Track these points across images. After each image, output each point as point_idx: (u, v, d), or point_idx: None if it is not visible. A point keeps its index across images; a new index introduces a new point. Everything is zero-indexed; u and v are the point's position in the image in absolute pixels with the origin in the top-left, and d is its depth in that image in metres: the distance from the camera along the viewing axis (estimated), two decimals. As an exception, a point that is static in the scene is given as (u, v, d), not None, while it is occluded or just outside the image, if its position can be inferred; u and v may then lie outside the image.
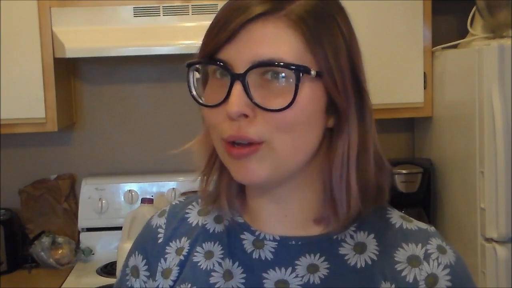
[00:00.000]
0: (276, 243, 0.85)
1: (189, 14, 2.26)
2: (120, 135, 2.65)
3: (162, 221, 0.93)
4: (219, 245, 0.88)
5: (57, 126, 2.27)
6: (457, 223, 2.22)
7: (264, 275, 0.83)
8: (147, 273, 0.91)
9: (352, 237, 0.84)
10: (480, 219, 2.00)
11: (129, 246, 0.97)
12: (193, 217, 0.92)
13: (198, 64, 0.80)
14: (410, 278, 0.80)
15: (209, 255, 0.88)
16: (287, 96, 0.74)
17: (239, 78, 0.75)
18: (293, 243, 0.84)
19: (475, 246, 2.02)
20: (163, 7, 2.26)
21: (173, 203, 0.97)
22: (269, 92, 0.75)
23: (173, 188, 2.50)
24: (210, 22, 0.79)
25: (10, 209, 2.50)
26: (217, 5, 2.24)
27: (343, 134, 0.80)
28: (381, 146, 0.85)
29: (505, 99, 1.93)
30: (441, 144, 2.37)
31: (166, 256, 0.90)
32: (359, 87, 0.80)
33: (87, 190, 2.50)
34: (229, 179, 0.85)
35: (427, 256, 0.81)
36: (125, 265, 0.95)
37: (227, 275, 0.85)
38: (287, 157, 0.78)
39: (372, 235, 0.84)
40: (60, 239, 2.45)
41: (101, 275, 2.29)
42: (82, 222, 2.51)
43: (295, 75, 0.75)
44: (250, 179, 0.78)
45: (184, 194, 1.42)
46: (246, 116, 0.75)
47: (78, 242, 2.51)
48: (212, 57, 0.77)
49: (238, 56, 0.75)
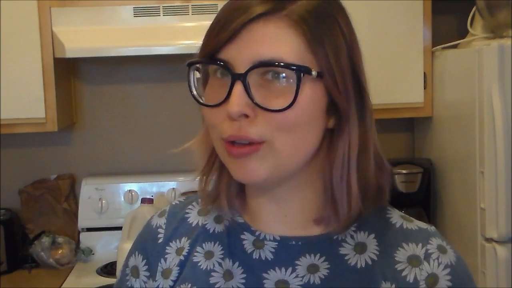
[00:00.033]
0: (276, 243, 0.84)
1: (189, 14, 2.26)
2: (120, 135, 2.65)
3: (162, 221, 0.93)
4: (219, 245, 0.88)
5: (57, 126, 2.27)
6: (457, 223, 2.21)
7: (264, 275, 0.83)
8: (147, 273, 0.91)
9: (352, 237, 0.84)
10: (480, 219, 2.00)
11: (129, 246, 0.97)
12: (193, 217, 0.92)
13: (199, 64, 0.80)
14: (410, 278, 0.80)
15: (209, 255, 0.87)
16: (288, 96, 0.74)
17: (240, 78, 0.74)
18: (293, 243, 0.84)
19: (475, 246, 2.02)
20: (163, 7, 2.26)
21: (173, 203, 0.97)
22: (269, 92, 0.75)
23: (173, 188, 2.50)
24: (210, 22, 0.79)
25: (10, 209, 2.50)
26: (217, 5, 2.23)
27: (343, 134, 0.79)
28: (381, 146, 0.85)
29: (505, 99, 1.93)
30: (441, 144, 2.37)
31: (166, 256, 0.90)
32: (360, 87, 0.80)
33: (87, 190, 2.50)
34: (228, 178, 0.85)
35: (427, 256, 0.81)
36: (125, 265, 0.95)
37: (227, 275, 0.85)
38: (288, 156, 0.77)
39: (373, 235, 0.84)
40: (60, 239, 2.45)
41: (101, 275, 2.29)
42: (82, 222, 2.51)
43: (296, 75, 0.74)
44: (249, 178, 0.78)
45: (184, 194, 1.42)
46: (247, 116, 0.75)
47: (78, 242, 2.51)
48: (212, 56, 0.77)
49: (239, 56, 0.75)
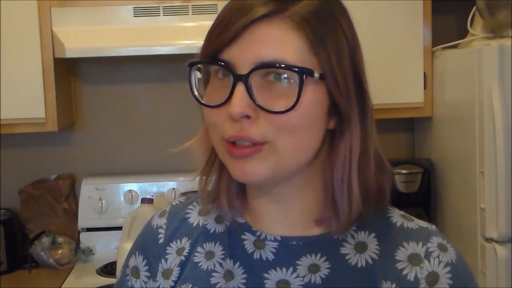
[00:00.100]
0: (277, 243, 0.84)
1: (189, 14, 2.25)
2: (120, 135, 2.65)
3: (162, 221, 0.93)
4: (220, 246, 0.88)
5: (57, 126, 2.27)
6: (457, 223, 2.21)
7: (265, 275, 0.83)
8: (148, 274, 0.91)
9: (353, 236, 0.84)
10: (480, 219, 2.00)
11: (129, 246, 0.97)
12: (194, 217, 0.92)
13: (200, 64, 0.80)
14: (411, 277, 0.80)
15: (210, 255, 0.87)
16: (290, 98, 0.74)
17: (242, 79, 0.74)
18: (294, 243, 0.84)
19: (475, 246, 2.02)
20: (163, 7, 2.25)
21: (174, 203, 0.96)
22: (272, 94, 0.75)
23: (173, 188, 2.50)
24: (210, 22, 0.79)
25: (10, 209, 2.50)
26: (217, 5, 2.23)
27: (345, 136, 0.79)
28: (381, 146, 0.84)
29: (505, 99, 1.93)
30: (441, 144, 2.37)
31: (166, 256, 0.90)
32: (361, 89, 0.80)
33: (87, 190, 2.50)
34: (228, 178, 0.85)
35: (428, 254, 0.81)
36: (126, 266, 0.95)
37: (228, 275, 0.85)
38: (289, 157, 0.77)
39: (373, 235, 0.84)
40: (60, 239, 2.45)
41: (101, 275, 2.29)
42: (82, 222, 2.51)
43: (299, 77, 0.74)
44: (250, 178, 0.78)
45: (184, 194, 1.42)
46: (248, 117, 0.75)
47: (78, 242, 2.51)
48: (214, 57, 0.77)
49: (241, 56, 0.75)
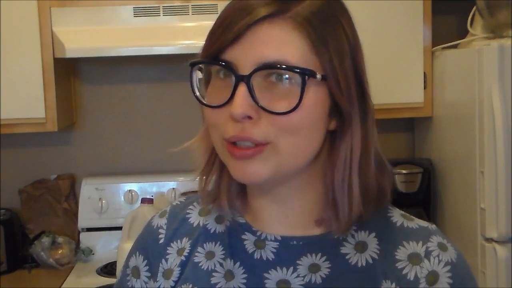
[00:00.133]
0: (278, 243, 0.84)
1: (189, 14, 2.25)
2: (120, 135, 2.65)
3: (163, 221, 0.93)
4: (220, 246, 0.88)
5: (57, 126, 2.27)
6: (457, 223, 2.21)
7: (266, 275, 0.83)
8: (148, 274, 0.91)
9: (353, 236, 0.84)
10: (480, 219, 2.00)
11: (129, 246, 0.97)
12: (194, 217, 0.92)
13: (202, 64, 0.80)
14: (411, 276, 0.80)
15: (210, 255, 0.87)
16: (292, 99, 0.74)
17: (244, 79, 0.74)
18: (295, 243, 0.84)
19: (475, 246, 2.02)
20: (163, 7, 2.25)
21: (174, 203, 0.96)
22: (273, 95, 0.75)
23: (173, 188, 2.50)
24: (210, 22, 0.79)
25: (10, 209, 2.50)
26: (217, 5, 2.23)
27: (345, 137, 0.79)
28: (381, 146, 0.84)
29: (505, 99, 1.93)
30: (441, 144, 2.37)
31: (167, 256, 0.90)
32: (362, 89, 0.80)
33: (87, 190, 2.50)
34: (229, 178, 0.85)
35: (428, 254, 0.81)
36: (126, 266, 0.95)
37: (228, 275, 0.85)
38: (290, 158, 0.77)
39: (373, 234, 0.84)
40: (60, 239, 2.45)
41: (101, 275, 2.29)
42: (82, 222, 2.51)
43: (301, 78, 0.74)
44: (250, 179, 0.78)
45: (184, 194, 1.42)
46: (250, 118, 0.75)
47: (78, 242, 2.51)
48: (216, 57, 0.76)
49: (243, 57, 0.74)
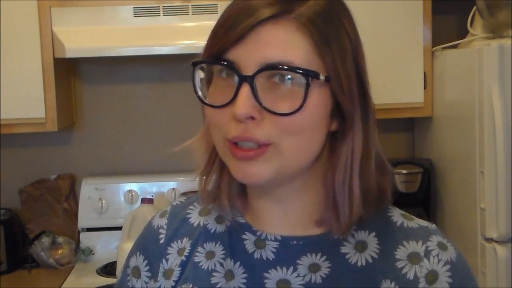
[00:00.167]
0: (278, 243, 0.84)
1: (189, 14, 2.25)
2: (120, 135, 2.65)
3: (163, 221, 0.93)
4: (220, 245, 0.88)
5: (57, 126, 2.27)
6: (457, 223, 2.22)
7: (266, 275, 0.83)
8: (149, 274, 0.91)
9: (353, 236, 0.84)
10: (480, 219, 2.00)
11: (129, 246, 0.97)
12: (194, 217, 0.92)
13: (205, 63, 0.79)
14: (410, 275, 0.80)
15: (210, 255, 0.87)
16: (295, 100, 0.74)
17: (247, 79, 0.74)
18: (295, 242, 0.84)
19: (475, 246, 2.02)
20: (163, 7, 2.25)
21: (174, 203, 0.96)
22: (277, 95, 0.75)
23: (173, 188, 2.50)
24: (211, 22, 0.79)
25: (10, 209, 2.50)
26: (217, 5, 2.23)
27: (347, 138, 0.79)
28: (381, 146, 0.84)
29: (505, 99, 1.93)
30: (441, 144, 2.37)
31: (167, 256, 0.90)
32: (363, 90, 0.80)
33: (87, 190, 2.50)
34: (229, 178, 0.85)
35: (427, 253, 0.81)
36: (126, 266, 0.95)
37: (229, 275, 0.85)
38: (292, 159, 0.77)
39: (373, 234, 0.84)
40: (60, 239, 2.45)
41: (101, 275, 2.29)
42: (82, 222, 2.51)
43: (305, 79, 0.74)
44: (253, 180, 0.78)
45: (184, 194, 1.42)
46: (253, 118, 0.74)
47: (78, 242, 2.51)
48: (219, 57, 0.76)
49: (247, 57, 0.74)
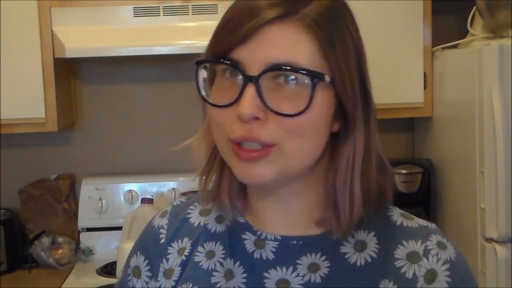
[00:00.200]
0: (278, 242, 0.85)
1: (189, 14, 2.25)
2: (120, 135, 2.64)
3: (164, 221, 0.93)
4: (221, 245, 0.88)
5: (57, 126, 2.27)
6: (457, 223, 2.22)
7: (265, 274, 0.83)
8: (149, 274, 0.91)
9: (352, 235, 0.84)
10: (480, 219, 2.00)
11: (129, 246, 0.97)
12: (195, 217, 0.92)
13: (209, 63, 0.79)
14: (409, 275, 0.80)
15: (210, 255, 0.88)
16: (300, 101, 0.74)
17: (253, 80, 0.74)
18: (294, 242, 0.84)
19: (475, 246, 2.02)
20: (163, 7, 2.25)
21: (175, 203, 0.97)
22: (281, 96, 0.75)
23: (173, 188, 2.50)
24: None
25: (10, 209, 2.50)
26: (217, 5, 2.23)
27: (349, 139, 0.79)
28: (381, 146, 0.84)
29: (505, 99, 1.93)
30: (441, 144, 2.37)
31: (168, 256, 0.90)
32: (365, 91, 0.80)
33: (87, 190, 2.50)
34: (230, 177, 0.85)
35: (426, 252, 0.81)
36: (127, 266, 0.95)
37: (228, 274, 0.85)
38: (295, 160, 0.77)
39: (373, 233, 0.84)
40: (60, 239, 2.45)
41: (101, 275, 2.29)
42: (82, 222, 2.51)
43: (311, 81, 0.74)
44: (256, 180, 0.77)
45: (184, 194, 1.42)
46: (257, 119, 0.74)
47: (78, 242, 2.51)
48: (224, 56, 0.76)
49: (252, 57, 0.74)
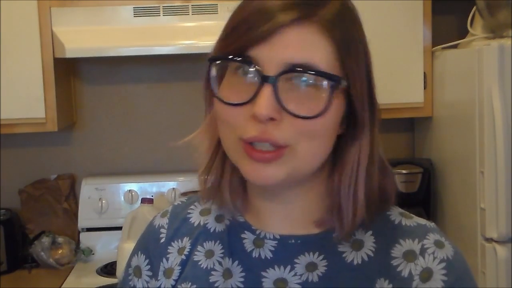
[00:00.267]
0: (276, 242, 0.85)
1: (189, 14, 2.25)
2: (120, 135, 2.65)
3: (164, 221, 0.94)
4: (220, 244, 0.88)
5: (57, 126, 2.27)
6: (457, 223, 2.22)
7: (263, 273, 0.83)
8: (150, 273, 0.91)
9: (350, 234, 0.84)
10: (480, 219, 2.00)
11: (129, 246, 0.97)
12: (195, 217, 0.93)
13: (225, 60, 0.78)
14: (405, 273, 0.80)
15: (209, 254, 0.88)
16: (317, 103, 0.74)
17: (270, 80, 0.73)
18: (293, 241, 0.84)
19: (475, 246, 2.02)
20: (163, 7, 2.25)
21: (175, 203, 0.97)
22: (297, 98, 0.74)
23: (173, 188, 2.50)
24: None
25: (10, 209, 2.50)
26: (217, 5, 2.23)
27: (355, 142, 0.79)
28: (382, 147, 0.84)
29: (505, 99, 1.93)
30: (441, 144, 2.37)
31: (168, 256, 0.90)
32: (371, 94, 0.80)
33: (87, 190, 2.50)
34: (231, 174, 0.85)
35: (423, 251, 0.81)
36: (128, 265, 0.95)
37: (227, 274, 0.85)
38: (306, 162, 0.77)
39: (370, 232, 0.84)
40: (60, 239, 2.45)
41: (101, 275, 2.29)
42: (82, 222, 2.51)
43: (330, 84, 0.74)
44: (266, 181, 0.77)
45: (184, 194, 1.42)
46: (273, 120, 0.74)
47: (78, 242, 2.51)
48: (240, 55, 0.75)
49: (270, 57, 0.73)
